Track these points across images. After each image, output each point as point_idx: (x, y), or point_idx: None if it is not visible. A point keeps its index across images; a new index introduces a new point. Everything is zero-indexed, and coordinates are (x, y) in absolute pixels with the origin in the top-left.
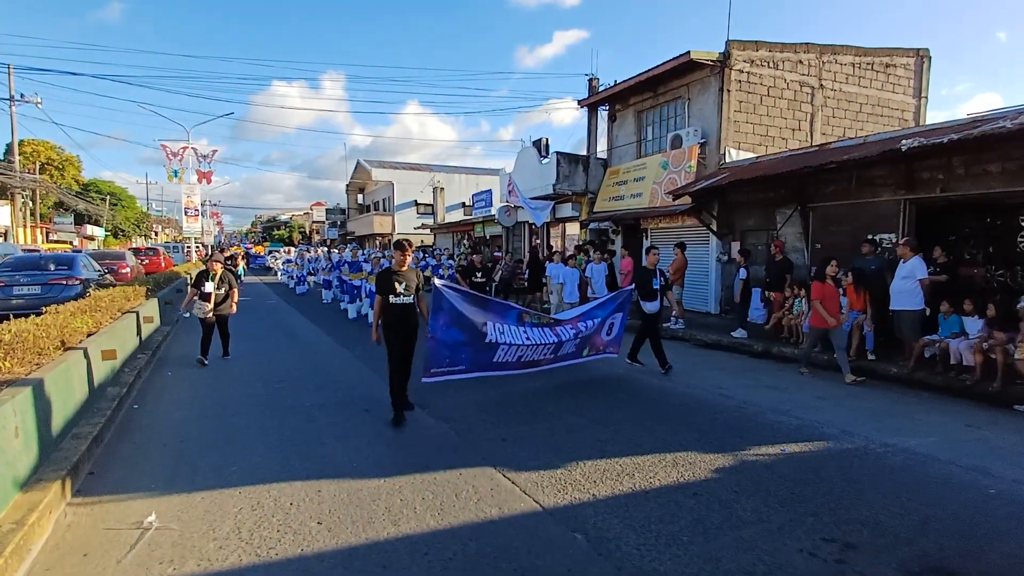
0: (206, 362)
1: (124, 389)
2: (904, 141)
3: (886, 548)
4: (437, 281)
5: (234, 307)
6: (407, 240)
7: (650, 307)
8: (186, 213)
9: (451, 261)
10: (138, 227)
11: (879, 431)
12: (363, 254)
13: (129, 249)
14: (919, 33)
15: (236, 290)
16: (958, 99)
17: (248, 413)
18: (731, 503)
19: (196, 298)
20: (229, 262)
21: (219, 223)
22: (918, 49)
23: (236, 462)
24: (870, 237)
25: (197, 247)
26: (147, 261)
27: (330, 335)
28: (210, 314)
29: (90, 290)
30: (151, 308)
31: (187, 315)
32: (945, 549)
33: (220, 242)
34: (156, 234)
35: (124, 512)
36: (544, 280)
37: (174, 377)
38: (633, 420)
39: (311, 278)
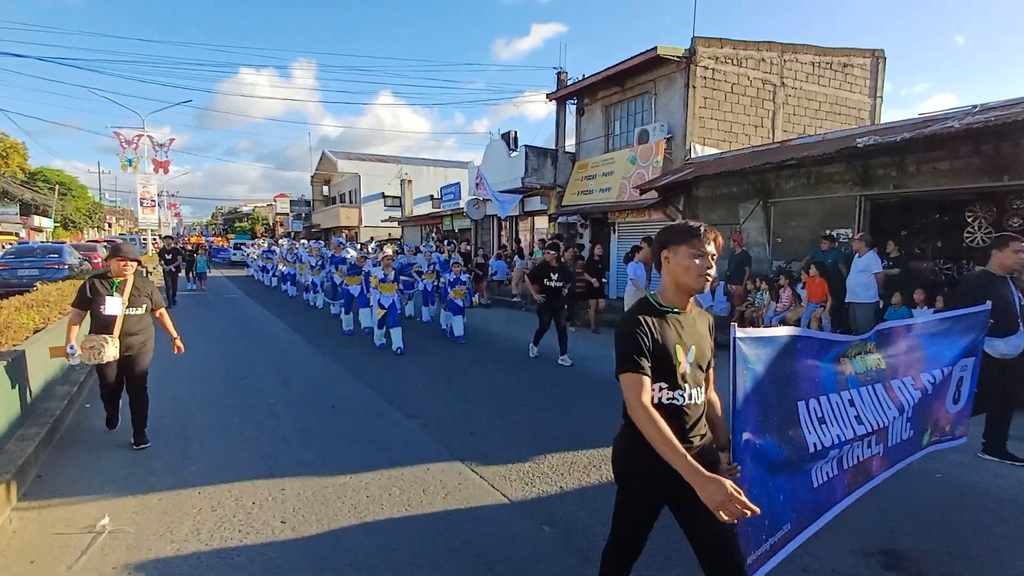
0: (116, 424)
1: (75, 387)
2: (860, 139)
3: (842, 532)
4: (742, 332)
5: (178, 344)
6: (705, 225)
7: (1006, 347)
8: (142, 204)
9: (444, 256)
10: (90, 218)
11: None
12: (373, 251)
13: (89, 241)
14: (882, 36)
15: (165, 314)
16: (918, 98)
17: (209, 412)
18: None
19: (88, 328)
20: (168, 256)
21: (177, 214)
22: (873, 50)
23: (195, 462)
24: (828, 232)
25: (154, 239)
26: None
27: (297, 331)
28: (112, 359)
29: (37, 285)
30: None
31: (76, 361)
32: (896, 532)
33: (179, 233)
34: (110, 226)
35: (75, 516)
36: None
37: None
38: (602, 412)
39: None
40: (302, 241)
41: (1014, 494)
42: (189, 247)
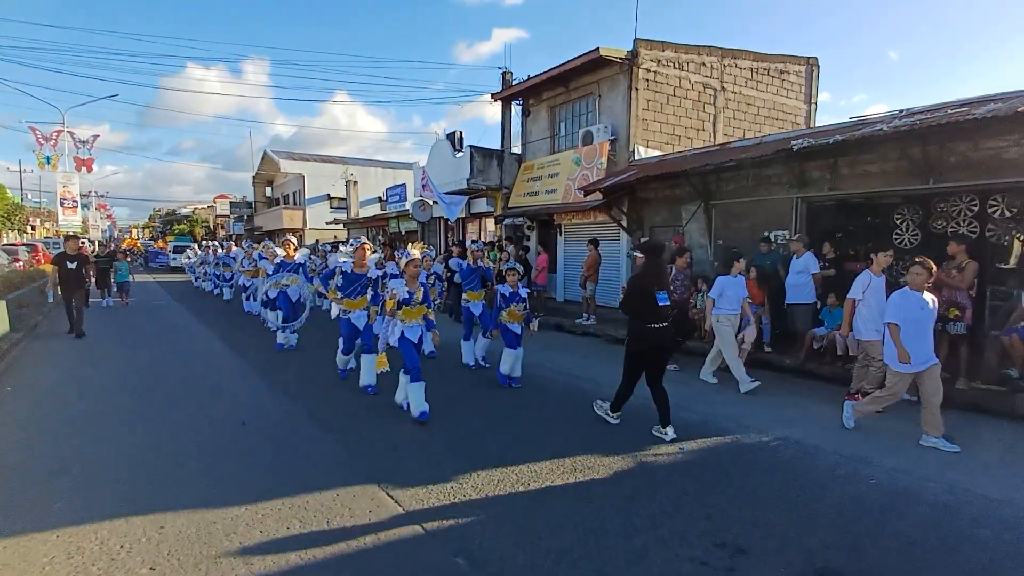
0: None
1: None
2: (795, 141)
3: (774, 550)
4: None
5: None
6: None
7: None
8: (62, 204)
9: (466, 262)
10: (9, 220)
11: (773, 423)
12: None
13: (8, 244)
14: (822, 52)
15: None
16: (855, 108)
17: (102, 434)
18: (626, 509)
19: None
20: (72, 263)
21: (109, 216)
22: (808, 57)
23: (63, 497)
24: (766, 235)
25: (83, 242)
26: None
27: (223, 341)
28: None
29: None
30: None
31: None
32: (829, 547)
33: (112, 236)
34: (33, 228)
35: None
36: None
37: (15, 393)
38: (537, 421)
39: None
40: (264, 242)
41: (944, 500)
42: (105, 251)
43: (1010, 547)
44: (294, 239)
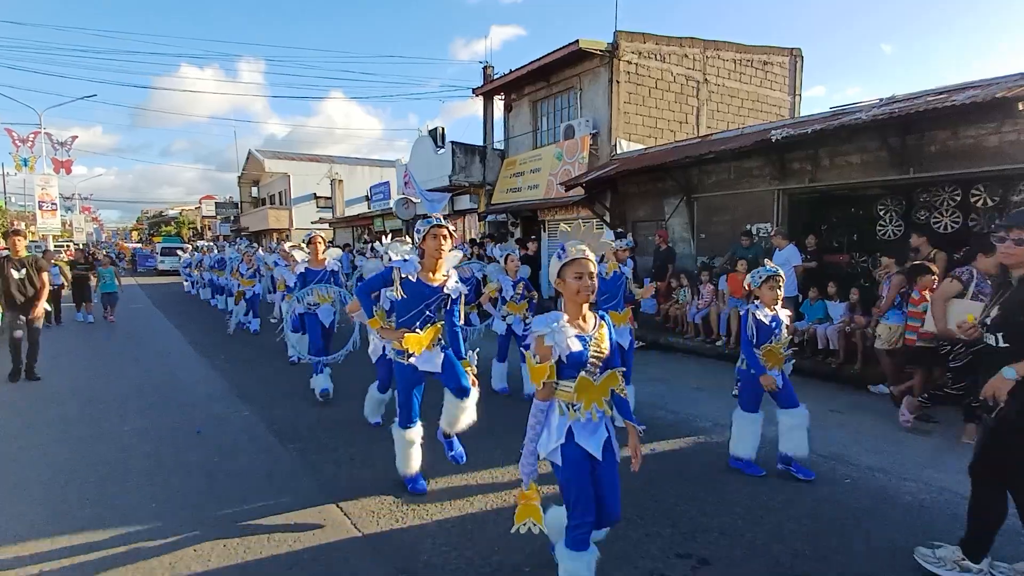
0: None
1: None
2: (774, 132)
3: (740, 560)
4: None
5: None
6: None
7: None
8: (41, 207)
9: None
10: None
11: None
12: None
13: None
14: (816, 47)
15: None
16: (849, 101)
17: (40, 446)
18: None
19: None
20: (18, 272)
21: (95, 218)
22: (791, 49)
23: None
24: (747, 228)
25: (66, 245)
26: None
27: (192, 344)
28: None
29: None
30: None
31: None
32: (799, 555)
33: (99, 240)
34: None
35: None
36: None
37: None
38: (506, 424)
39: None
40: (280, 244)
41: (921, 500)
42: (83, 255)
43: None
44: (323, 234)
